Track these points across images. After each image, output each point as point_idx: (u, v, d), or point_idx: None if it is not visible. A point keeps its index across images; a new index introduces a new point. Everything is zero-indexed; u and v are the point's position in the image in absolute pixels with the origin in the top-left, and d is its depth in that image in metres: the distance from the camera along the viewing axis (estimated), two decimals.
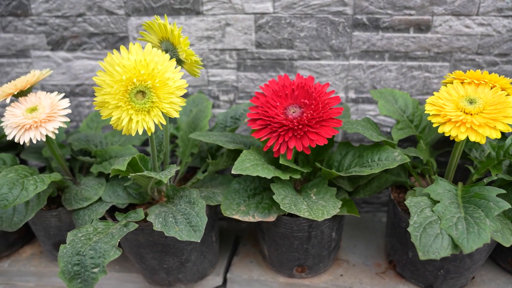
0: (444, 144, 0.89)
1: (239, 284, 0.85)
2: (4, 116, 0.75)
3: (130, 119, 0.62)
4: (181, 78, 0.62)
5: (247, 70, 0.93)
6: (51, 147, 0.80)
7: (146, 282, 0.85)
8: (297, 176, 0.73)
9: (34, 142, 0.71)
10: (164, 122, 0.63)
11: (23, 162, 0.96)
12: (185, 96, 0.97)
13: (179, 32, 0.67)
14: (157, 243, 0.75)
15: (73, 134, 0.92)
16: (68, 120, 0.74)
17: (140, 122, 0.62)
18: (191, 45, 0.92)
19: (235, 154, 0.80)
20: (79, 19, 0.92)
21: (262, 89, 0.75)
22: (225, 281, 0.87)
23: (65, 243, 0.84)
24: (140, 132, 0.62)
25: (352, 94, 0.93)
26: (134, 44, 0.60)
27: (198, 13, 0.89)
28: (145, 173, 0.63)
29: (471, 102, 0.65)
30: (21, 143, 0.71)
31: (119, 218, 0.73)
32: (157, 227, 0.66)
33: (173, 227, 0.65)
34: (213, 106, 0.97)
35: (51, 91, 0.75)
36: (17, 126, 0.71)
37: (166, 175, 0.63)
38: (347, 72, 0.90)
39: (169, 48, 0.70)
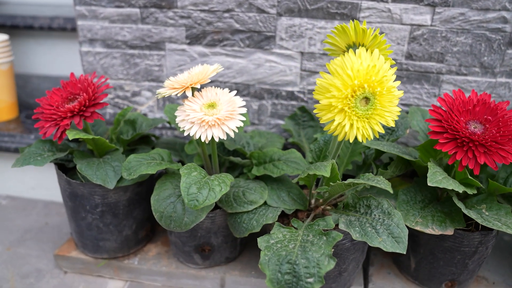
0: None
1: None
2: (178, 110, 0.72)
3: (351, 125, 0.60)
4: None
5: None
6: (212, 146, 0.78)
7: None
8: (474, 191, 0.73)
9: (216, 140, 0.69)
10: (382, 131, 0.62)
11: None
12: None
13: (382, 39, 0.66)
14: None
15: None
16: (245, 119, 0.72)
17: (361, 129, 0.61)
18: None
19: (402, 165, 0.79)
20: (226, 14, 0.90)
21: (440, 103, 0.75)
22: None
23: (207, 245, 0.82)
24: (360, 139, 0.61)
25: None
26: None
27: (354, 19, 0.87)
28: (363, 180, 0.62)
29: None
30: (203, 140, 0.69)
31: (295, 224, 0.71)
32: (355, 236, 0.65)
33: (376, 238, 0.63)
34: None
35: None
36: (201, 122, 0.69)
37: (387, 185, 0.61)
38: (492, 89, 0.91)
39: None
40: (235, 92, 0.73)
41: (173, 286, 0.89)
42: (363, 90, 0.59)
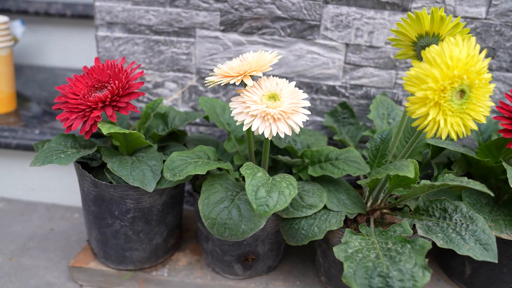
0: None
1: None
2: (234, 101, 0.64)
3: (445, 121, 0.54)
4: None
5: None
6: (266, 143, 0.70)
7: None
8: None
9: (282, 136, 0.61)
10: (475, 128, 0.56)
11: None
12: (368, 98, 0.89)
13: (464, 28, 0.61)
14: None
15: None
16: (309, 112, 0.65)
17: (454, 126, 0.55)
18: (386, 42, 0.85)
19: (464, 165, 0.74)
20: None
21: (509, 99, 0.70)
22: None
23: (252, 254, 0.74)
24: (454, 137, 0.55)
25: None
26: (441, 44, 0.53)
27: (405, 10, 0.82)
28: (455, 182, 0.55)
29: None
30: (266, 135, 0.61)
31: (363, 230, 0.64)
32: (440, 243, 0.59)
33: (464, 245, 0.58)
34: None
35: None
36: (265, 115, 0.61)
37: (482, 187, 0.55)
38: None
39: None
40: (294, 82, 0.66)
41: None
42: (461, 82, 0.53)
